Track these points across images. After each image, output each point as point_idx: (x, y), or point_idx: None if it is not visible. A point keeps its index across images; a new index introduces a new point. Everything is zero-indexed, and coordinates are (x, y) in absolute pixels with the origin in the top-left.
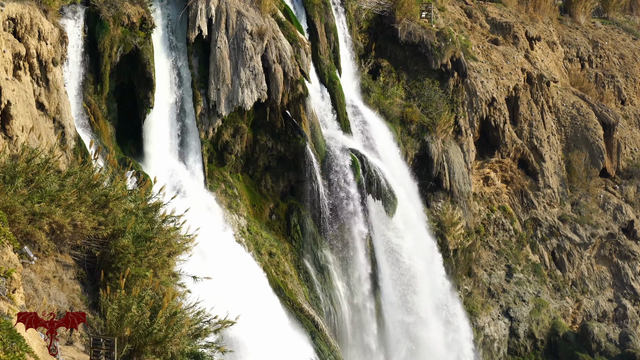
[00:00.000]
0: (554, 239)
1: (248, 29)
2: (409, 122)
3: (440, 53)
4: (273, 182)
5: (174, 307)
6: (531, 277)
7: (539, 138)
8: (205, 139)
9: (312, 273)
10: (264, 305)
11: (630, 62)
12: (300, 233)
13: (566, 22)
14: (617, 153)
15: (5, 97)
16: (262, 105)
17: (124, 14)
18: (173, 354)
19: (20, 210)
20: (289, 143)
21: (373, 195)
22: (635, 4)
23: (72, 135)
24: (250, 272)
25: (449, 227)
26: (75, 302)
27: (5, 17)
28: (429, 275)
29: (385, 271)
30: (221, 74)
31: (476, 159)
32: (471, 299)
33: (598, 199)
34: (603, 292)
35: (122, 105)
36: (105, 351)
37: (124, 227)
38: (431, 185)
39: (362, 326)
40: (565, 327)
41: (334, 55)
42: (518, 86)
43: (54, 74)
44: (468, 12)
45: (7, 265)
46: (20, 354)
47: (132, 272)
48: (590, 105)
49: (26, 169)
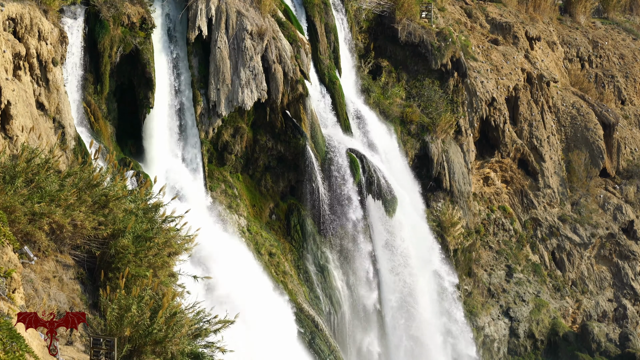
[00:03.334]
0: (554, 239)
1: (248, 29)
2: (409, 122)
3: (440, 53)
4: (273, 182)
5: (174, 307)
6: (531, 277)
7: (539, 138)
8: (205, 139)
9: (312, 273)
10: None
11: (630, 62)
12: (300, 233)
13: (566, 22)
14: (617, 153)
15: (5, 97)
16: (262, 105)
17: (124, 14)
18: (173, 354)
19: (20, 210)
20: (289, 143)
21: (373, 195)
22: (635, 4)
23: (72, 135)
24: (251, 272)
25: (449, 227)
26: (75, 302)
27: (5, 17)
28: (429, 275)
29: (385, 270)
30: (221, 74)
31: (476, 159)
32: (471, 299)
33: (598, 199)
34: (603, 292)
35: (122, 105)
36: (105, 351)
37: (124, 227)
38: (431, 185)
39: (362, 326)
40: (565, 327)
41: (334, 55)
42: (518, 86)
43: (54, 74)
44: (468, 12)
45: (7, 265)
46: (20, 354)
47: (132, 272)
48: (590, 105)
49: (26, 169)
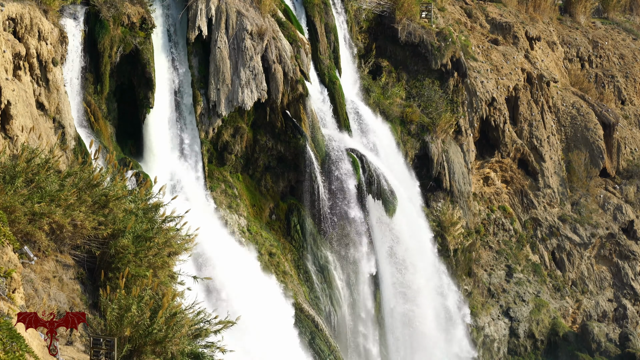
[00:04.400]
0: (554, 239)
1: (248, 29)
2: (409, 122)
3: (440, 53)
4: (273, 182)
5: (174, 308)
6: (531, 277)
7: (539, 138)
8: (205, 139)
9: (312, 273)
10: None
11: (630, 62)
12: (300, 233)
13: (566, 22)
14: (617, 153)
15: (5, 97)
16: (262, 105)
17: (124, 14)
18: (173, 354)
19: (20, 210)
20: (289, 143)
21: (373, 195)
22: (635, 4)
23: (72, 135)
24: (252, 272)
25: (449, 227)
26: (75, 302)
27: (5, 17)
28: (429, 275)
29: (385, 271)
30: (221, 74)
31: (476, 159)
32: (471, 299)
33: (598, 199)
34: (603, 292)
35: (122, 105)
36: (105, 351)
37: (124, 227)
38: (431, 185)
39: (362, 326)
40: (565, 327)
41: (334, 55)
42: (518, 86)
43: (54, 74)
44: (468, 12)
45: (7, 265)
46: (20, 354)
47: (132, 272)
48: (590, 105)
49: (26, 169)
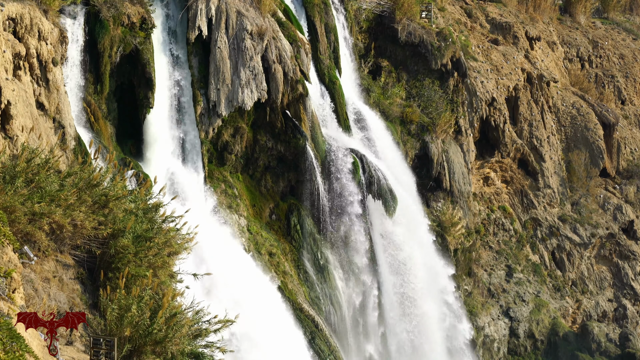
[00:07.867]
0: (554, 239)
1: (248, 29)
2: (409, 122)
3: (440, 53)
4: (273, 182)
5: (174, 308)
6: (531, 277)
7: (539, 138)
8: (205, 139)
9: (312, 273)
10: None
11: (630, 62)
12: (300, 233)
13: (566, 22)
14: (617, 153)
15: (5, 97)
16: (262, 105)
17: (124, 14)
18: (173, 354)
19: (20, 210)
20: (289, 143)
21: (373, 195)
22: (635, 4)
23: (72, 135)
24: (251, 272)
25: (449, 227)
26: (75, 302)
27: (5, 17)
28: (429, 274)
29: (385, 270)
30: (221, 74)
31: (476, 159)
32: (471, 299)
33: (598, 199)
34: (603, 292)
35: (122, 105)
36: (105, 351)
37: (124, 227)
38: (431, 185)
39: (362, 326)
40: (565, 327)
41: (334, 55)
42: (518, 86)
43: (54, 74)
44: (468, 12)
45: (7, 265)
46: (20, 354)
47: (132, 272)
48: (590, 105)
49: (26, 169)
